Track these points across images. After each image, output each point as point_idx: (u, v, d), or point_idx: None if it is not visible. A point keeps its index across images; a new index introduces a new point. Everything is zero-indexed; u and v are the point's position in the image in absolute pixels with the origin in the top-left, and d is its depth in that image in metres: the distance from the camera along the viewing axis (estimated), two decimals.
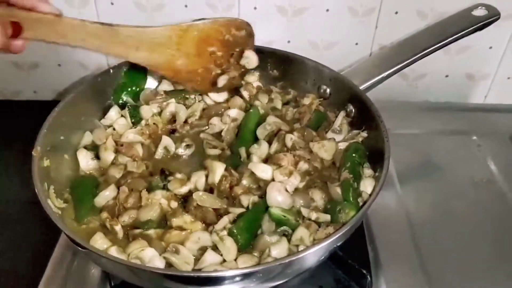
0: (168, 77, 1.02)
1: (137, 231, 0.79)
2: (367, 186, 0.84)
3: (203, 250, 0.76)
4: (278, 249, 0.75)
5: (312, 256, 0.73)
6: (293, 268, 0.74)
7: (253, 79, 1.06)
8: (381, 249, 0.89)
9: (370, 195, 0.80)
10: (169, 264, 0.74)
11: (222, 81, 1.02)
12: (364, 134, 0.91)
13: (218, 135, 0.98)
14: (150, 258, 0.73)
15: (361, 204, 0.81)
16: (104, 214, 0.81)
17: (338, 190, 0.84)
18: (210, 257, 0.75)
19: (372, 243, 0.90)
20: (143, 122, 0.98)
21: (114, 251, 0.74)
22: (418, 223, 0.93)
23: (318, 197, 0.84)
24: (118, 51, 0.88)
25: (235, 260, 0.75)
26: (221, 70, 1.01)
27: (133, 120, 0.98)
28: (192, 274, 0.71)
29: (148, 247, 0.75)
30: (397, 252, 0.89)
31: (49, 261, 0.85)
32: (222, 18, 0.99)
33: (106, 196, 0.84)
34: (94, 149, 0.93)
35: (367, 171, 0.88)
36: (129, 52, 0.89)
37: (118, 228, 0.78)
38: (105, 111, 0.99)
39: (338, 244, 0.77)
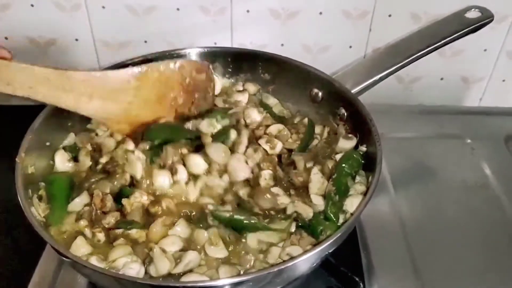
0: (123, 132, 0.89)
1: (119, 231, 0.77)
2: (353, 204, 0.80)
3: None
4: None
5: (303, 264, 0.72)
6: (283, 277, 0.72)
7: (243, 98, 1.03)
8: (375, 256, 0.87)
9: (352, 214, 0.78)
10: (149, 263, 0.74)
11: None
12: (363, 148, 0.89)
13: None
14: (124, 264, 0.72)
15: (343, 220, 0.79)
16: (83, 222, 0.79)
17: (317, 200, 0.83)
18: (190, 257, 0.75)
19: (366, 250, 0.89)
20: None
21: (94, 260, 0.72)
22: (412, 228, 0.92)
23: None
24: (68, 101, 0.79)
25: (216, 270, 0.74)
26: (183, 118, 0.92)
27: None
28: (179, 285, 0.70)
29: (123, 257, 0.73)
30: (391, 258, 0.88)
31: (35, 268, 0.84)
32: (182, 60, 0.93)
33: (78, 203, 0.82)
34: (75, 151, 0.91)
35: (359, 187, 0.83)
36: (80, 101, 0.80)
37: (101, 235, 0.77)
38: None
39: (330, 251, 0.75)
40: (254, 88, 1.05)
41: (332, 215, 0.79)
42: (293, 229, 0.79)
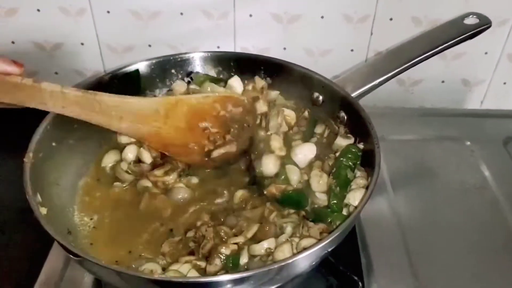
0: (156, 149, 0.92)
1: None
2: (356, 197, 0.82)
3: None
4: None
5: (305, 260, 0.73)
6: (282, 274, 0.73)
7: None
8: (374, 255, 0.88)
9: (355, 207, 0.80)
10: None
11: (216, 153, 0.91)
12: (361, 146, 0.90)
13: None
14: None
15: (347, 214, 0.81)
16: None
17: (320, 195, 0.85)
18: None
19: (365, 249, 0.90)
20: None
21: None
22: (411, 229, 0.93)
23: None
24: (100, 120, 0.82)
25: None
26: (214, 146, 0.91)
27: None
28: (182, 280, 0.71)
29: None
30: (390, 258, 0.89)
31: (42, 268, 0.86)
32: (217, 94, 0.93)
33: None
34: None
35: (360, 181, 0.85)
36: (112, 121, 0.83)
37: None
38: None
39: (329, 249, 0.77)
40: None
41: (335, 206, 0.82)
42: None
